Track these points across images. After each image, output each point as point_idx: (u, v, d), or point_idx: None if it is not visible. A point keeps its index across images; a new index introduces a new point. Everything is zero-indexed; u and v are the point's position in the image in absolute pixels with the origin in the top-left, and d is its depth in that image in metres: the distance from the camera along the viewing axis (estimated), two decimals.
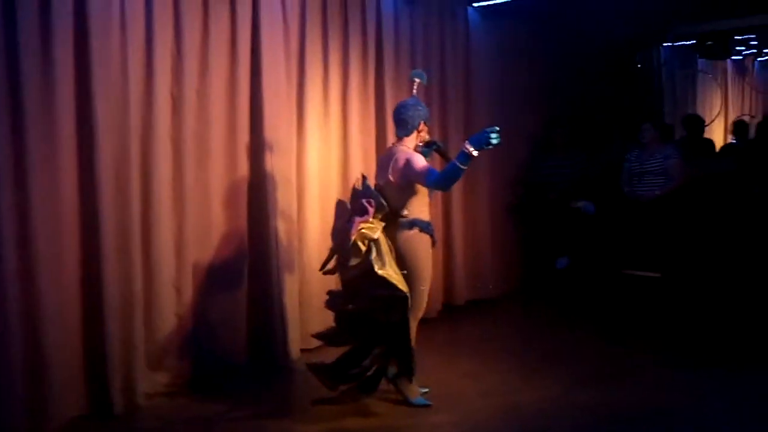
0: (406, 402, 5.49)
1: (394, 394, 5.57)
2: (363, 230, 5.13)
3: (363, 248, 5.12)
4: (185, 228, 5.88)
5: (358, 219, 5.16)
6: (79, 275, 5.23)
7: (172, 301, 5.83)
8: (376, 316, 5.21)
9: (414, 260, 5.33)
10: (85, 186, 5.22)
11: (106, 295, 5.24)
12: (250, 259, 6.35)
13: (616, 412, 5.42)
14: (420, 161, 5.25)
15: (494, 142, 4.80)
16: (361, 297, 5.26)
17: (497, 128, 4.85)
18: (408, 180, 5.28)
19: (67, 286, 5.15)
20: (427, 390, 5.62)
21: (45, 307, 4.94)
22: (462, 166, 4.91)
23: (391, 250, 5.27)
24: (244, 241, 6.31)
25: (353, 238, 5.10)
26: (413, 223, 5.34)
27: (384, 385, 5.53)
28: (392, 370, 5.54)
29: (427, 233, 5.39)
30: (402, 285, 5.10)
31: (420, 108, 5.49)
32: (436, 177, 5.12)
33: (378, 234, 5.18)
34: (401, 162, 5.30)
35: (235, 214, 6.25)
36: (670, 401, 5.56)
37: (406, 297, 5.10)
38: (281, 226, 6.48)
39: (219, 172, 6.14)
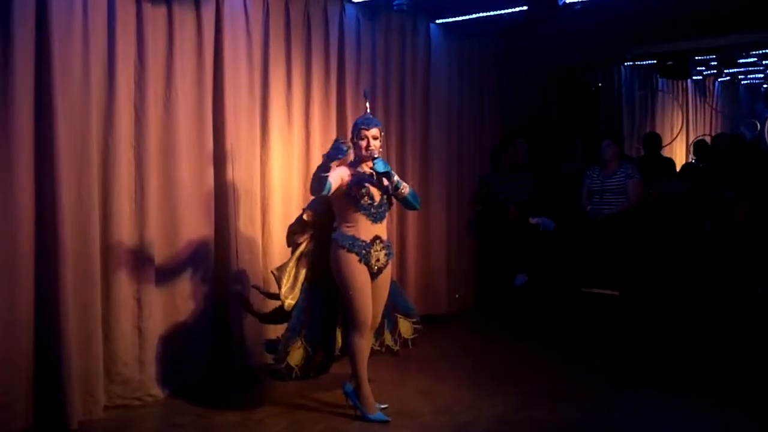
0: (362, 417, 5.50)
1: (351, 408, 5.59)
2: (294, 237, 5.62)
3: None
4: (147, 239, 5.85)
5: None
6: (33, 282, 5.18)
7: (132, 312, 5.79)
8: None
9: (333, 272, 5.43)
10: (42, 194, 5.19)
11: (65, 307, 5.19)
12: (215, 272, 6.34)
13: (568, 430, 5.46)
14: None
15: (335, 151, 4.92)
16: None
17: (337, 139, 5.07)
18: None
19: (18, 293, 5.10)
20: (385, 406, 5.63)
21: None
22: (322, 174, 5.02)
23: (303, 255, 5.60)
24: (209, 254, 6.30)
25: (287, 241, 5.70)
26: (333, 237, 5.41)
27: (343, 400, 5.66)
28: (350, 384, 5.60)
29: (344, 248, 5.34)
30: (283, 288, 5.47)
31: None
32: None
33: (300, 239, 5.58)
34: None
35: (199, 226, 6.22)
36: (623, 420, 5.61)
37: (278, 296, 5.52)
38: (245, 239, 6.48)
39: (183, 184, 6.12)
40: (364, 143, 5.38)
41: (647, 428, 5.52)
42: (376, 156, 5.32)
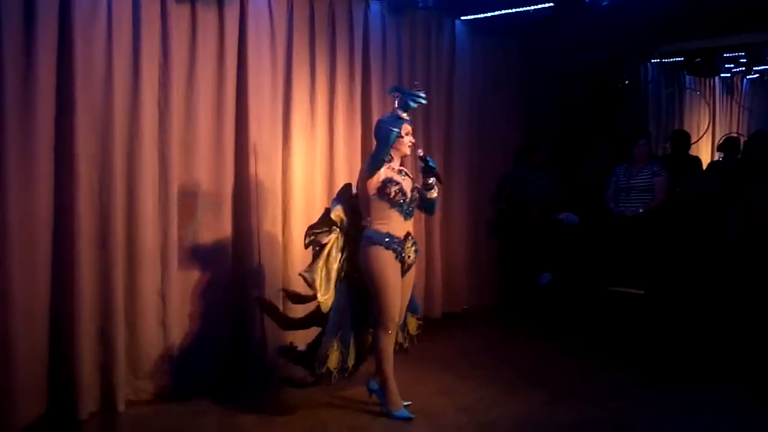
0: (388, 414, 5.50)
1: (376, 406, 5.61)
2: (318, 236, 5.44)
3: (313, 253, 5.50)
4: (170, 236, 5.88)
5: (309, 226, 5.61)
6: (50, 279, 5.26)
7: (156, 308, 5.83)
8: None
9: (364, 270, 5.40)
10: (62, 192, 5.27)
11: (79, 300, 5.29)
12: (237, 271, 6.36)
13: (591, 429, 5.44)
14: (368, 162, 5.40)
15: (414, 100, 5.22)
16: None
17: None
18: (363, 184, 5.38)
19: (37, 289, 5.18)
20: (408, 403, 5.63)
21: (15, 307, 4.98)
22: (394, 129, 5.20)
23: (333, 252, 5.47)
24: (231, 253, 6.32)
25: (306, 241, 5.51)
26: (366, 235, 5.39)
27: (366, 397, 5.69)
28: (375, 382, 5.62)
29: (379, 245, 5.33)
30: (319, 289, 5.33)
31: (383, 122, 5.47)
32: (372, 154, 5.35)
33: (326, 239, 5.43)
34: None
35: (221, 224, 6.25)
36: (647, 419, 5.59)
37: (314, 297, 5.42)
38: (265, 238, 6.48)
39: (206, 182, 6.15)
40: (405, 132, 5.43)
41: (671, 428, 5.49)
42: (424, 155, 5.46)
